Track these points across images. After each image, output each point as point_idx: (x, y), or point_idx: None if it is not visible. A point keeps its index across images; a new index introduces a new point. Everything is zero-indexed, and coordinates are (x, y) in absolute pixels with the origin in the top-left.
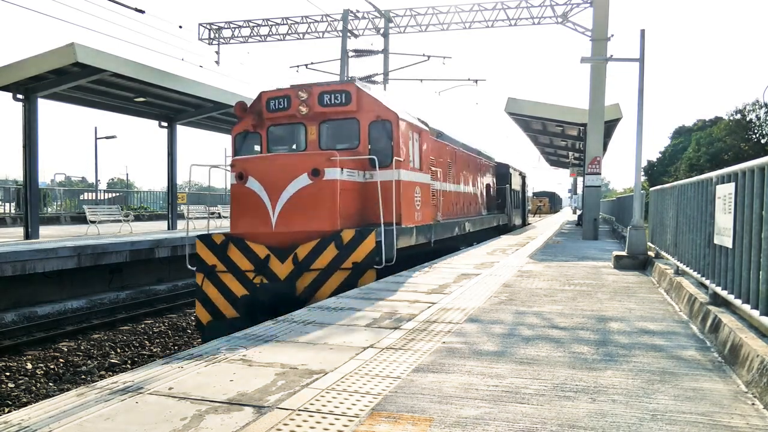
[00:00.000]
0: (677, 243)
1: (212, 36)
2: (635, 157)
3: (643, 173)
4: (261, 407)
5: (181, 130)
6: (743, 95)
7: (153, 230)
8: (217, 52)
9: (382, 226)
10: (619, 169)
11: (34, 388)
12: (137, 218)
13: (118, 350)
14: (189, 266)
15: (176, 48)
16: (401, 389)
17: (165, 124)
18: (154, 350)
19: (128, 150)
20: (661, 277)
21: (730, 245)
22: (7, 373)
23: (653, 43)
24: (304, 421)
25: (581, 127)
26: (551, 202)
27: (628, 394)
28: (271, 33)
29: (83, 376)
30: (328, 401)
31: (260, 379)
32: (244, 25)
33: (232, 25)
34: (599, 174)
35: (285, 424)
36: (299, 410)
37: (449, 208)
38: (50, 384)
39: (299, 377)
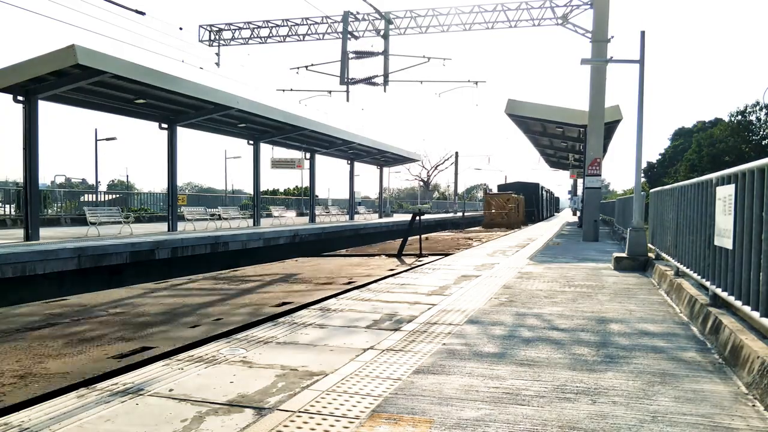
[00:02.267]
0: (677, 244)
1: (212, 38)
2: (635, 159)
3: (643, 174)
4: (261, 409)
5: (182, 132)
6: (743, 97)
7: (153, 232)
8: (218, 54)
9: None
10: (620, 171)
11: None
12: (137, 220)
13: None
14: None
15: (176, 50)
16: (401, 391)
17: (165, 125)
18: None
19: (128, 152)
20: (661, 278)
21: (730, 246)
22: None
23: (653, 45)
24: (305, 422)
25: (581, 129)
26: (532, 204)
27: (628, 395)
28: (271, 35)
29: None
30: (329, 403)
31: (260, 380)
32: (245, 26)
33: (232, 27)
34: (599, 175)
35: (285, 426)
36: (299, 412)
37: None
38: None
39: (299, 379)
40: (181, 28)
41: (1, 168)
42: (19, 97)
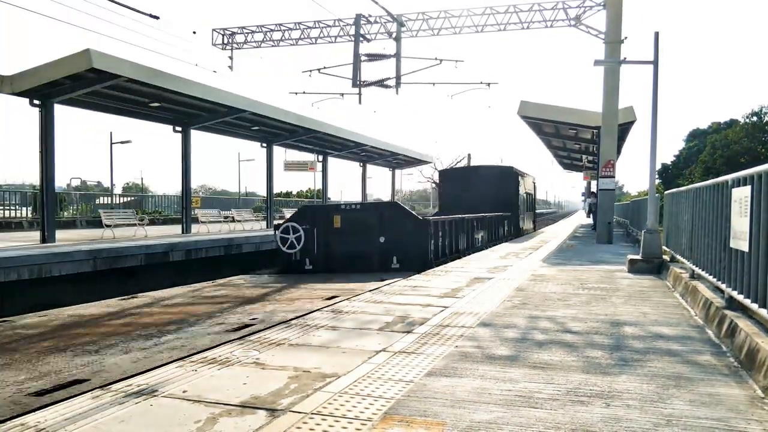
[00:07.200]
0: (692, 246)
1: (225, 41)
2: (649, 160)
3: (657, 176)
4: (274, 410)
5: (196, 135)
6: (758, 97)
7: (167, 234)
8: (231, 57)
9: None
10: (634, 172)
11: None
12: (152, 222)
13: None
14: None
15: (190, 53)
16: (414, 393)
17: (179, 128)
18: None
19: (143, 154)
20: (676, 281)
21: (746, 249)
22: None
23: (667, 45)
24: (317, 424)
25: (594, 131)
26: None
27: (642, 399)
28: (283, 38)
29: None
30: (341, 405)
31: (273, 382)
32: (257, 30)
33: (245, 31)
34: (613, 177)
35: (298, 428)
36: (312, 413)
37: None
38: None
39: (312, 380)
40: (194, 32)
41: (19, 171)
42: (36, 101)
